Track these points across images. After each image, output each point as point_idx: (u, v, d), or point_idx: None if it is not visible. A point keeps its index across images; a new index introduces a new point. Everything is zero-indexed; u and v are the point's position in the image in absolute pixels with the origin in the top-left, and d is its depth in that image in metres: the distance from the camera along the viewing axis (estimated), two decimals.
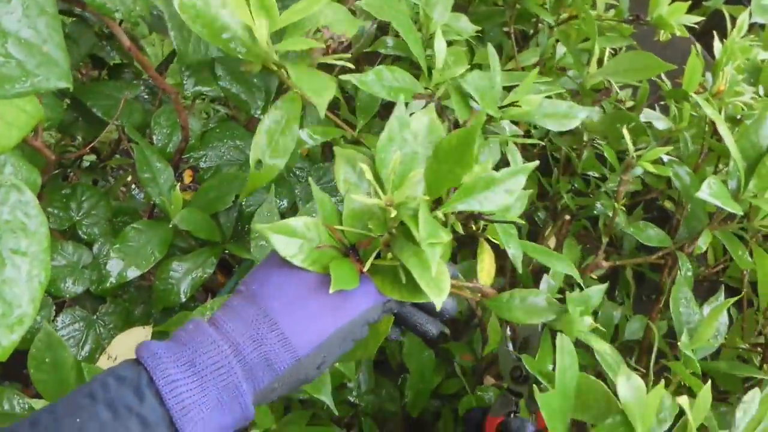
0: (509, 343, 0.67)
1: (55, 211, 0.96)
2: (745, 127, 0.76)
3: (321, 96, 0.48)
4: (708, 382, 0.53)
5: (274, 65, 0.54)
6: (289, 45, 0.51)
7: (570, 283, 0.99)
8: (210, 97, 1.40)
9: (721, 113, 0.91)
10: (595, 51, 0.91)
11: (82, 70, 1.24)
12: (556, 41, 1.16)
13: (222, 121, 1.12)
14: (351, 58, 0.58)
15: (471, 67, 1.25)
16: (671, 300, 0.73)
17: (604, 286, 0.62)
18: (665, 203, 1.19)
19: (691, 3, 2.01)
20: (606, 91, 0.91)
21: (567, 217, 0.89)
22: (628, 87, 1.32)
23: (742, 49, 1.10)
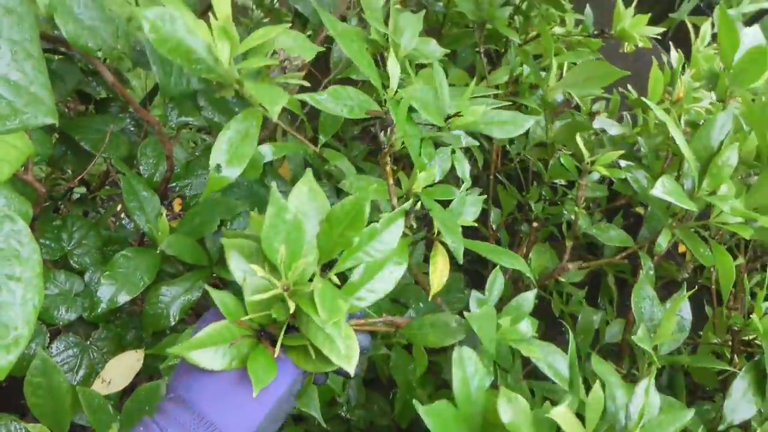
0: None
1: (47, 242, 0.99)
2: (698, 131, 0.80)
3: (274, 104, 0.52)
4: (597, 383, 0.55)
5: (236, 83, 0.59)
6: (248, 64, 0.55)
7: (552, 291, 1.03)
8: (196, 127, 1.44)
9: (680, 119, 0.96)
10: (553, 66, 0.95)
11: (69, 105, 1.27)
12: None
13: (206, 150, 1.16)
14: (330, 80, 0.62)
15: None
16: (633, 298, 0.77)
17: (534, 292, 0.66)
18: (638, 209, 1.24)
19: (658, 14, 2.09)
20: (567, 102, 0.95)
21: (534, 224, 0.93)
22: (603, 99, 1.37)
23: (705, 57, 1.15)
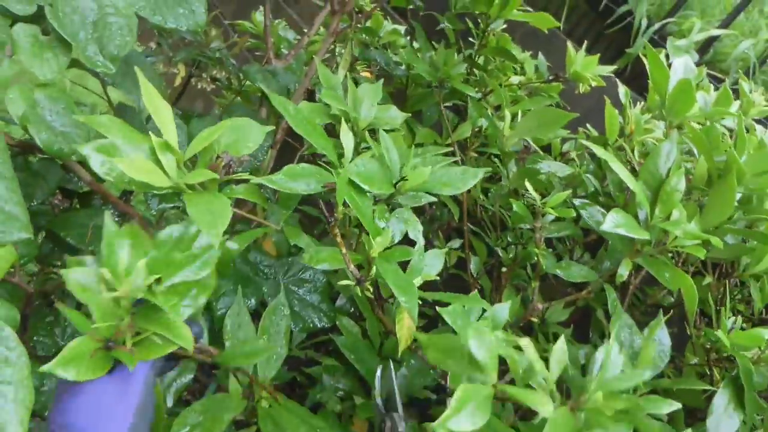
0: (378, 400, 0.75)
1: (41, 339, 1.02)
2: (646, 161, 0.84)
3: (214, 228, 0.56)
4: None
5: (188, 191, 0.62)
6: (191, 179, 0.60)
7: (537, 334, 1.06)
8: (181, 209, 1.48)
9: (634, 152, 1.01)
10: (506, 116, 1.00)
11: (54, 202, 1.32)
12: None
13: None
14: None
15: (413, 147, 1.35)
16: (611, 329, 0.80)
17: (508, 304, 0.70)
18: None
19: (617, 50, 2.16)
20: (525, 149, 1.00)
21: (503, 269, 0.96)
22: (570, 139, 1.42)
23: None
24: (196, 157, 0.65)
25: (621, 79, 1.78)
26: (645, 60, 1.40)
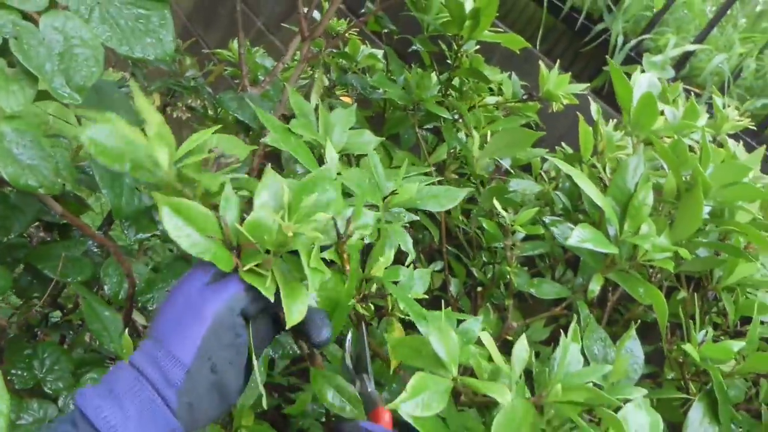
0: (348, 361, 0.75)
1: (19, 372, 1.01)
2: (614, 176, 0.85)
3: (213, 187, 0.58)
4: None
5: (178, 184, 0.62)
6: (189, 160, 0.59)
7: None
8: (162, 237, 1.49)
9: (606, 169, 1.01)
10: (475, 137, 1.01)
11: (33, 235, 1.32)
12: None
13: (170, 263, 1.20)
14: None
15: (392, 169, 1.35)
16: (584, 342, 0.80)
17: (481, 318, 0.70)
18: None
19: (595, 68, 2.18)
20: (497, 170, 1.00)
21: (479, 289, 0.96)
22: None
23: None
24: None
25: (599, 96, 1.79)
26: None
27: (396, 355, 0.64)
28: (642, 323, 1.27)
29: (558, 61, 1.35)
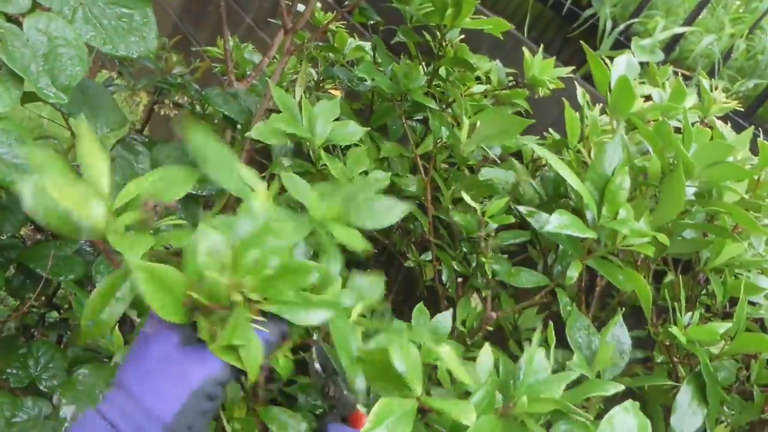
0: (317, 365, 0.74)
1: (14, 371, 1.02)
2: (593, 161, 0.85)
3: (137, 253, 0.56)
4: None
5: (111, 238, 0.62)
6: (119, 222, 0.58)
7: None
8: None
9: (590, 153, 1.01)
10: (465, 123, 1.01)
11: (25, 235, 1.32)
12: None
13: None
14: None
15: (379, 160, 1.35)
16: (567, 330, 0.80)
17: (449, 313, 0.70)
18: None
19: (583, 55, 2.17)
20: (484, 159, 1.00)
21: (459, 279, 0.96)
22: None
23: None
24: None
25: (589, 83, 1.79)
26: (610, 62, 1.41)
27: (365, 371, 0.62)
28: (633, 308, 1.27)
29: (546, 47, 1.35)
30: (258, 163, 1.30)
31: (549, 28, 1.94)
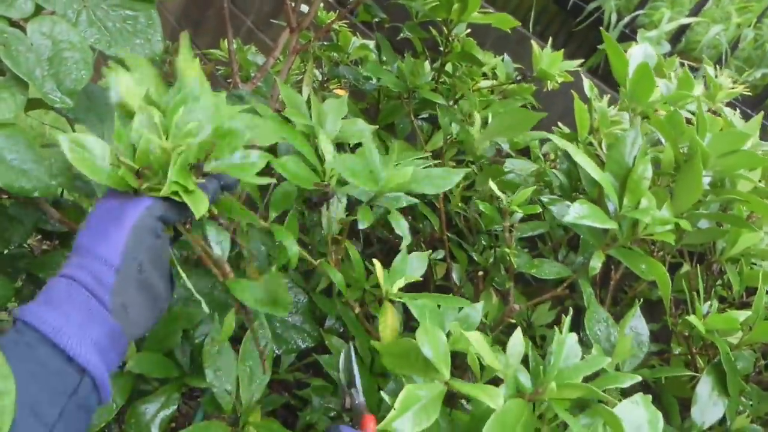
0: (342, 380, 0.78)
1: None
2: (611, 151, 0.84)
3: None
4: None
5: None
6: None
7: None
8: None
9: (601, 145, 1.00)
10: (476, 119, 1.00)
11: (34, 244, 1.32)
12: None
13: None
14: None
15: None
16: (586, 323, 0.79)
17: (481, 304, 0.70)
18: None
19: (590, 47, 2.16)
20: (498, 153, 0.99)
21: (479, 273, 0.96)
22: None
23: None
24: None
25: (595, 76, 1.78)
26: None
27: (384, 362, 0.63)
28: (646, 301, 1.26)
29: (551, 41, 1.34)
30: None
31: (553, 23, 1.93)
